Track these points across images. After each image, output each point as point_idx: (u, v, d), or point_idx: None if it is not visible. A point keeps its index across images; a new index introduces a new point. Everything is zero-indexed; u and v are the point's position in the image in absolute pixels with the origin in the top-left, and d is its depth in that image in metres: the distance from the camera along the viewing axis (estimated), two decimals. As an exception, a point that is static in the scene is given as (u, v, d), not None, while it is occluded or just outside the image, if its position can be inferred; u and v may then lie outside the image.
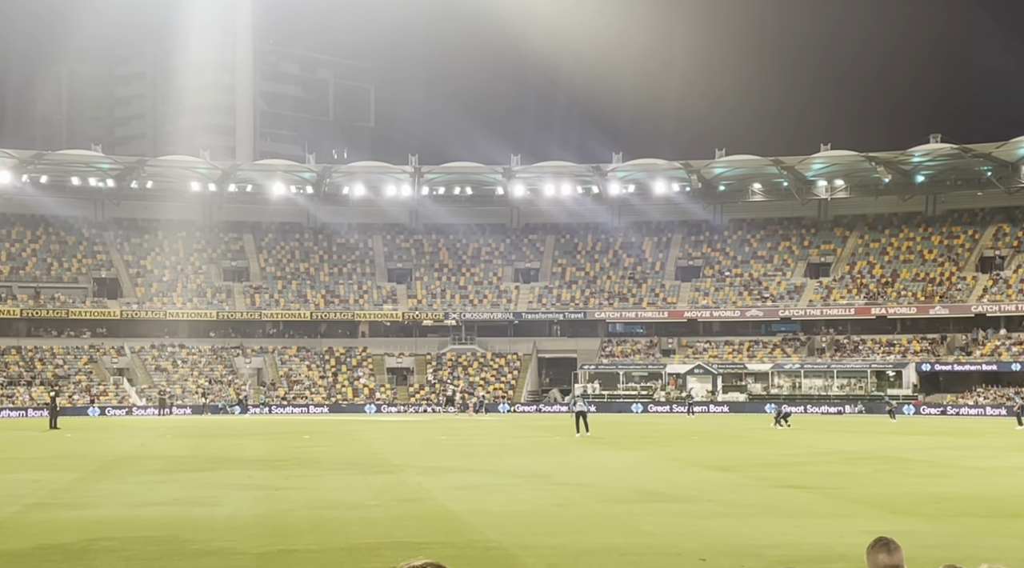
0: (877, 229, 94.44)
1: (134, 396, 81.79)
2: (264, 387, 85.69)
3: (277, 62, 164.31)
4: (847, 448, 39.49)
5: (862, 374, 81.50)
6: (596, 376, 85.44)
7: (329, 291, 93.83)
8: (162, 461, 34.21)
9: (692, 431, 51.59)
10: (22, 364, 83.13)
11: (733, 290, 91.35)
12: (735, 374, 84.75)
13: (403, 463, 32.59)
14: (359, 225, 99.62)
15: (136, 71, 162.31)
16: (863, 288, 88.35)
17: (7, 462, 34.62)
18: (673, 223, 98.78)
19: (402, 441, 45.01)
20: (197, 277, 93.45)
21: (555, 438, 46.22)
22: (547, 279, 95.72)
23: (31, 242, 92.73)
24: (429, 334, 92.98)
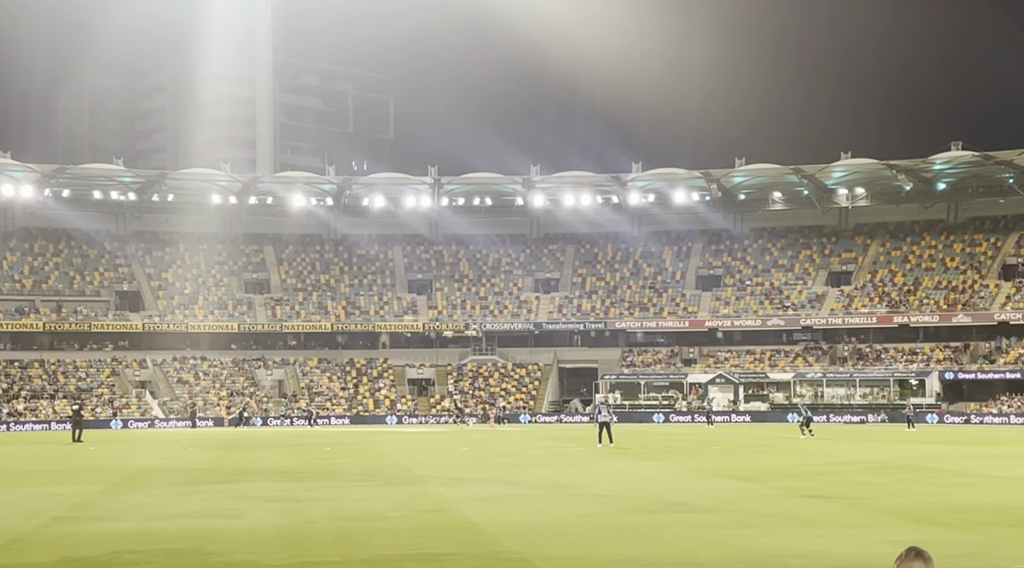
0: (899, 237, 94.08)
1: (156, 409, 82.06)
2: (284, 399, 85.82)
3: (297, 74, 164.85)
4: (870, 457, 39.29)
5: (885, 383, 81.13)
6: (617, 386, 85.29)
7: (350, 302, 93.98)
8: (185, 473, 34.28)
9: (714, 441, 51.42)
10: (45, 377, 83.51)
11: (754, 299, 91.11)
12: (757, 383, 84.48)
13: (424, 474, 32.58)
14: (379, 236, 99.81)
15: (157, 84, 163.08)
16: (885, 296, 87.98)
17: (31, 475, 34.76)
18: (693, 232, 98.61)
19: (423, 452, 45.00)
20: (218, 289, 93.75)
21: (576, 448, 46.13)
22: (567, 289, 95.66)
23: (53, 256, 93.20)
24: (450, 345, 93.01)
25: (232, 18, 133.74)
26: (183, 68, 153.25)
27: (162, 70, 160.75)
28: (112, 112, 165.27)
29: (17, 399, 79.70)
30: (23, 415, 77.71)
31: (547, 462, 38.49)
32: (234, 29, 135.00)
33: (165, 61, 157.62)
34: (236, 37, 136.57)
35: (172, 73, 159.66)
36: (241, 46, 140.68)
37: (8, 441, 60.07)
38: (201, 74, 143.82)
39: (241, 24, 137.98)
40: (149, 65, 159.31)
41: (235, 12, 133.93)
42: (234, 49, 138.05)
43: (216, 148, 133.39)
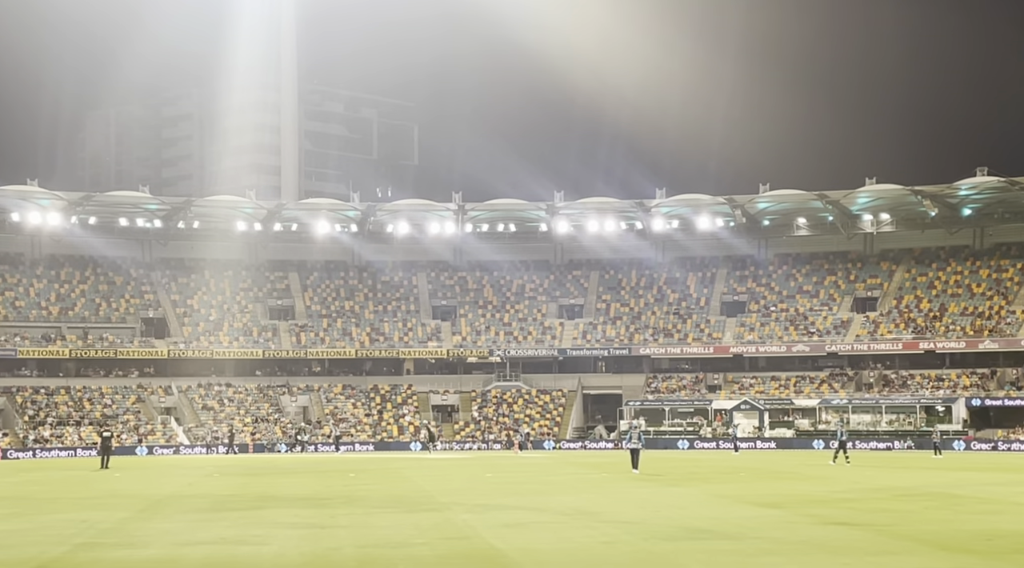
0: (924, 263, 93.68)
1: (181, 435, 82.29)
2: (309, 425, 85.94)
3: (321, 102, 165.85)
4: (897, 484, 39.01)
5: (911, 409, 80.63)
6: (642, 412, 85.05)
7: (374, 329, 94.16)
8: (209, 500, 34.32)
9: (739, 467, 51.15)
10: (71, 404, 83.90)
11: (779, 325, 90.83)
12: (782, 410, 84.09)
13: (449, 501, 32.51)
14: (403, 263, 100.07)
15: (183, 112, 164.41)
16: (911, 322, 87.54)
17: (57, 502, 34.86)
18: (717, 258, 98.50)
19: (448, 478, 44.91)
20: (243, 316, 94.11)
21: (601, 475, 45.96)
22: (591, 315, 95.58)
23: (80, 283, 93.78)
24: (474, 371, 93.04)
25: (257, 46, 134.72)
26: (209, 96, 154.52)
27: (188, 98, 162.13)
28: (138, 140, 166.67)
29: (43, 426, 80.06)
30: (49, 442, 78.05)
31: (572, 488, 38.36)
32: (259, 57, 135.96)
33: (191, 89, 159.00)
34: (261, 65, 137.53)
35: (198, 101, 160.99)
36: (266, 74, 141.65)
37: (34, 468, 60.33)
38: (226, 102, 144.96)
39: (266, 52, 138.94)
40: (175, 93, 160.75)
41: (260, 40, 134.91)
42: (259, 77, 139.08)
43: (241, 175, 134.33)
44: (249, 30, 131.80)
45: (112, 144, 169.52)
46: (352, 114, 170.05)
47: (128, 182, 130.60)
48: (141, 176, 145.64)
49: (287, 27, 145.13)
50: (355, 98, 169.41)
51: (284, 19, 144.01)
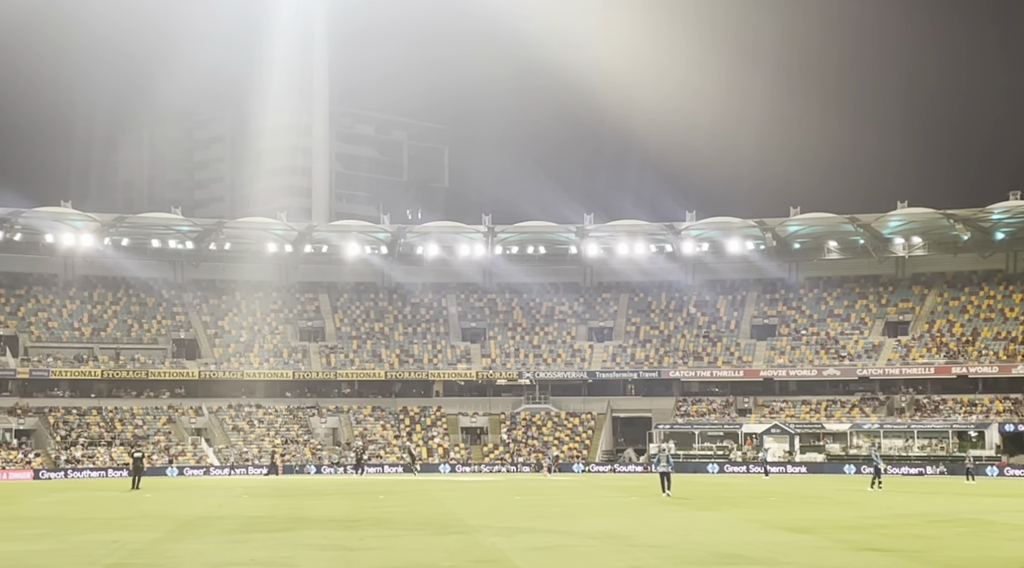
0: (956, 287, 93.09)
1: (212, 456, 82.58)
2: (338, 447, 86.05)
3: (352, 124, 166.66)
4: (929, 510, 38.71)
5: (943, 434, 79.99)
6: (671, 436, 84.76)
7: (403, 351, 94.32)
8: (239, 521, 34.42)
9: (769, 492, 50.88)
10: (103, 425, 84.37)
11: (810, 349, 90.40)
12: (813, 434, 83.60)
13: (478, 523, 32.49)
14: (433, 285, 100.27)
15: (215, 135, 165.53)
16: (943, 347, 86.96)
17: (88, 522, 35.05)
18: (748, 281, 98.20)
19: (477, 501, 44.87)
20: (273, 337, 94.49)
21: (631, 498, 45.83)
22: (621, 338, 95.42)
23: (112, 304, 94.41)
24: (503, 393, 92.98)
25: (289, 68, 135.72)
26: (241, 118, 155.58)
27: (221, 120, 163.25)
28: (171, 162, 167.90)
29: (75, 446, 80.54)
30: (81, 462, 78.47)
31: (601, 512, 38.26)
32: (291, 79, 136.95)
33: (224, 111, 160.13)
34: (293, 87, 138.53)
35: (230, 123, 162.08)
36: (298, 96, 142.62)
37: (66, 488, 60.67)
38: (259, 124, 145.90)
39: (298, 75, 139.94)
40: (208, 115, 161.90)
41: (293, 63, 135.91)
42: (291, 99, 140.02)
43: (272, 197, 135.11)
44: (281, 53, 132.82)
45: (145, 166, 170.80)
46: (383, 136, 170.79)
47: (160, 204, 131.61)
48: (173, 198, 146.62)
49: (319, 50, 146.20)
50: (386, 120, 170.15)
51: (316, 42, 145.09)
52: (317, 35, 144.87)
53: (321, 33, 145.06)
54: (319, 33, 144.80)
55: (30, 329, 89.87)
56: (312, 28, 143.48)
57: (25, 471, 75.86)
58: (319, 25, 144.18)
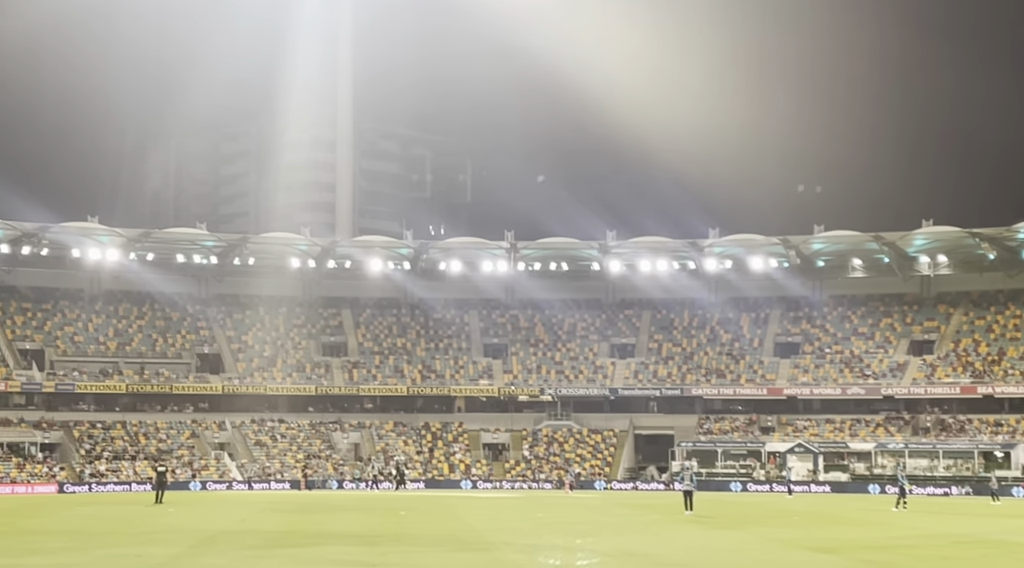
0: (982, 306, 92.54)
1: (234, 471, 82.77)
2: (360, 462, 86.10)
3: (376, 140, 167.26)
4: (954, 531, 38.44)
5: (969, 455, 79.41)
6: (694, 453, 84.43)
7: (426, 366, 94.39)
8: (262, 536, 34.47)
9: (793, 511, 50.62)
10: (127, 439, 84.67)
11: (834, 367, 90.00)
12: (836, 453, 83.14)
13: (499, 540, 32.44)
14: (455, 300, 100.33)
15: (241, 149, 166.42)
16: (969, 366, 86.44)
17: (111, 536, 35.16)
18: (771, 299, 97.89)
19: (498, 518, 44.81)
20: (296, 352, 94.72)
21: (652, 516, 45.67)
22: (643, 355, 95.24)
23: (137, 318, 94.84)
24: (525, 410, 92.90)
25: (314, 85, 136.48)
26: (266, 134, 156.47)
27: (246, 135, 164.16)
28: (196, 177, 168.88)
29: (99, 460, 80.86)
30: (105, 476, 78.76)
31: (623, 530, 38.14)
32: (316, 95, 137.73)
33: (249, 126, 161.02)
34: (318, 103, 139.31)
35: (256, 138, 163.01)
36: (322, 112, 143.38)
37: (90, 501, 60.90)
38: (283, 139, 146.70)
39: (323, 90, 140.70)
40: (233, 130, 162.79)
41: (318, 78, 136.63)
42: (316, 115, 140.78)
43: (297, 212, 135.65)
44: (307, 69, 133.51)
45: (171, 180, 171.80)
46: (406, 152, 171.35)
47: (186, 219, 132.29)
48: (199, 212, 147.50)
49: (344, 66, 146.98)
50: (410, 136, 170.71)
51: (341, 58, 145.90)
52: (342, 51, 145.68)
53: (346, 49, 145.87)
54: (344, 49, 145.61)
55: (56, 343, 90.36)
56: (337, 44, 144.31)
57: (50, 484, 76.22)
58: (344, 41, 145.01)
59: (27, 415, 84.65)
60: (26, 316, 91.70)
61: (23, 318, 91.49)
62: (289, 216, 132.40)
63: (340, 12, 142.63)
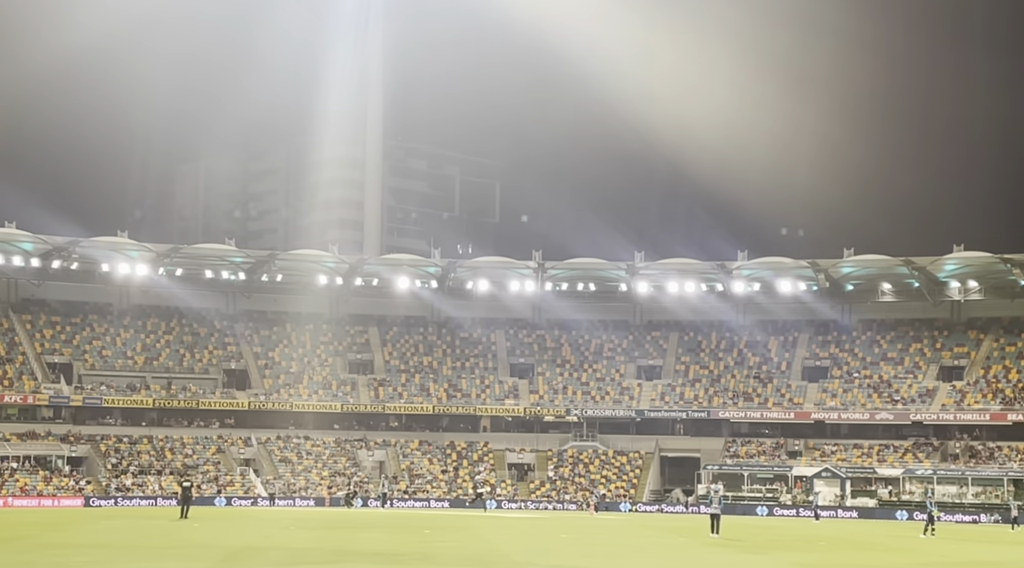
0: (1013, 333, 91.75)
1: (259, 487, 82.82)
2: (386, 480, 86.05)
3: (405, 158, 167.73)
4: (982, 559, 38.04)
5: (998, 482, 78.67)
6: (720, 477, 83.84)
7: (452, 385, 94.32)
8: (286, 553, 34.44)
9: (819, 536, 50.23)
10: (153, 453, 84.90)
11: (862, 392, 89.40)
12: (864, 478, 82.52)
13: (524, 561, 32.29)
14: (482, 320, 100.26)
15: (270, 167, 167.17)
16: (999, 393, 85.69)
17: (136, 551, 35.21)
18: (800, 322, 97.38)
19: (523, 538, 44.64)
20: (323, 369, 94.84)
21: (678, 539, 45.41)
22: (670, 377, 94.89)
23: (165, 334, 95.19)
24: (550, 430, 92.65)
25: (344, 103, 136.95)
26: (296, 151, 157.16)
27: (275, 152, 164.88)
28: (226, 193, 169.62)
29: (125, 474, 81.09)
30: (131, 490, 78.97)
31: (648, 553, 37.92)
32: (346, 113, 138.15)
33: (279, 143, 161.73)
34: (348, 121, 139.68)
35: (285, 155, 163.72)
36: (352, 130, 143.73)
37: (116, 516, 61.07)
38: (313, 157, 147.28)
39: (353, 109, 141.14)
40: (263, 147, 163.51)
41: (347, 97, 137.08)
42: (345, 133, 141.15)
43: (325, 230, 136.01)
44: (337, 87, 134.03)
45: (201, 197, 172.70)
46: (435, 171, 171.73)
47: (214, 235, 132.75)
48: (227, 229, 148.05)
49: (374, 85, 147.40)
50: (438, 155, 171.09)
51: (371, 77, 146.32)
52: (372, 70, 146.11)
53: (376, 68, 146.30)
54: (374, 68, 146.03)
55: (84, 357, 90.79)
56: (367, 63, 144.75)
57: (76, 498, 76.47)
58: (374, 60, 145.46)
59: (54, 429, 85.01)
60: (55, 330, 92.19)
61: (52, 331, 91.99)
62: (317, 233, 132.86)
63: (371, 31, 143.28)
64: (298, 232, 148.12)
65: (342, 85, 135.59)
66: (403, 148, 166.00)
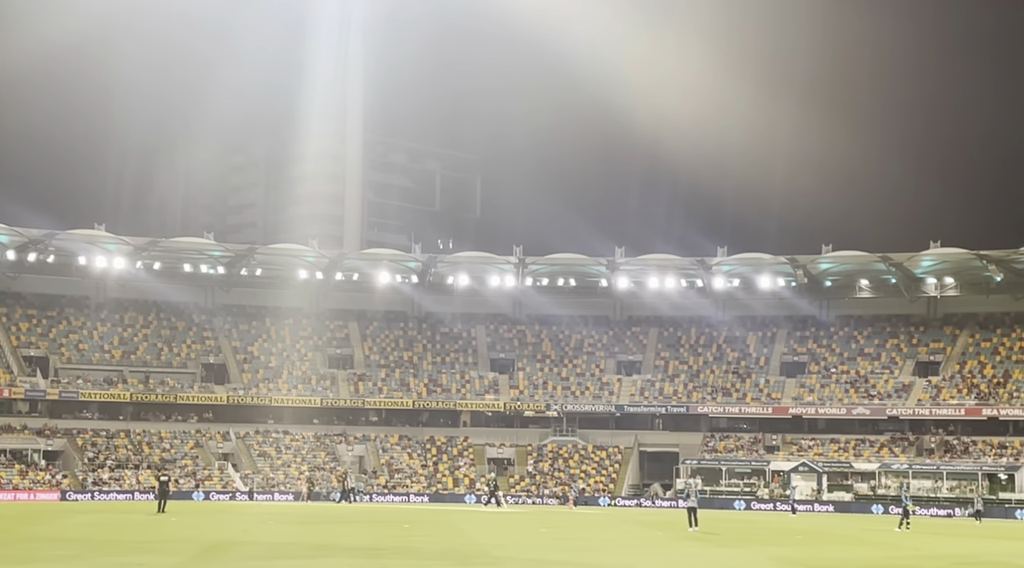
0: (988, 328, 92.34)
1: (238, 481, 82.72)
2: (365, 475, 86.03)
3: (385, 153, 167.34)
4: (956, 552, 38.34)
5: (972, 476, 79.20)
6: (698, 471, 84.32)
7: (432, 380, 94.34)
8: (264, 547, 34.45)
9: (796, 530, 50.51)
10: (130, 447, 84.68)
11: (839, 387, 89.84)
12: (841, 473, 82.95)
13: (502, 555, 32.39)
14: (463, 315, 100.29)
15: (250, 160, 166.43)
16: (974, 388, 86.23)
17: (113, 545, 35.16)
18: (778, 318, 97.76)
19: (502, 532, 44.75)
20: (303, 364, 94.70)
21: (656, 533, 45.60)
22: (650, 372, 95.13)
23: (143, 327, 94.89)
24: (530, 425, 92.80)
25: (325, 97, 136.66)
26: (276, 145, 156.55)
27: (255, 146, 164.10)
28: (205, 187, 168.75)
29: (103, 468, 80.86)
30: (108, 484, 78.77)
31: (626, 546, 38.08)
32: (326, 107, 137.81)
33: (258, 137, 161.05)
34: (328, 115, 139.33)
35: (265, 149, 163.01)
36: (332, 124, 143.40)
37: (92, 510, 60.91)
38: (293, 151, 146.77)
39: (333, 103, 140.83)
40: (243, 141, 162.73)
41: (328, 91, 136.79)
42: (325, 127, 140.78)
43: (305, 224, 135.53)
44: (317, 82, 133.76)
45: (179, 190, 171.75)
46: (415, 166, 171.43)
47: (193, 228, 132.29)
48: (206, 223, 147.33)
49: (354, 79, 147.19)
50: (419, 150, 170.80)
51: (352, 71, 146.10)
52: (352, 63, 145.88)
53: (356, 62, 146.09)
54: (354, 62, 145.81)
55: (61, 351, 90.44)
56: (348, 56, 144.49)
57: (52, 492, 76.23)
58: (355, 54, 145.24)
59: (30, 422, 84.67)
60: (31, 323, 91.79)
61: (28, 325, 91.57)
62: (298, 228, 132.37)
63: (351, 25, 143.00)
64: (278, 226, 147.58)
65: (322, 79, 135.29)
66: (383, 143, 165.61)
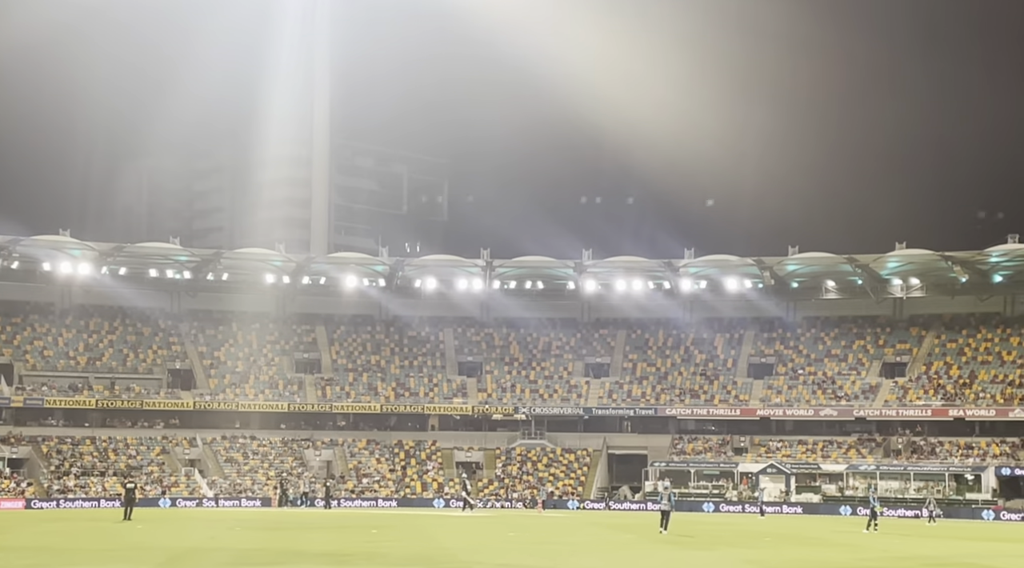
0: (954, 329, 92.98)
1: (205, 487, 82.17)
2: (333, 480, 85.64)
3: (352, 157, 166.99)
4: (925, 553, 38.50)
5: (939, 477, 79.67)
6: (667, 474, 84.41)
7: (400, 384, 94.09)
8: (231, 554, 34.19)
9: (764, 532, 50.62)
10: (96, 454, 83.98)
11: (807, 388, 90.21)
12: (809, 474, 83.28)
13: (470, 559, 32.28)
14: (430, 318, 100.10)
15: (215, 165, 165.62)
16: (940, 389, 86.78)
17: (78, 553, 34.81)
18: (745, 319, 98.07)
19: (470, 537, 44.61)
20: (270, 369, 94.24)
21: (625, 536, 45.58)
22: (618, 374, 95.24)
23: (108, 333, 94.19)
24: (499, 428, 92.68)
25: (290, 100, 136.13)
26: (241, 149, 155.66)
27: (220, 150, 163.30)
28: (170, 192, 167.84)
29: (68, 476, 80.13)
30: (73, 492, 78.05)
31: (595, 550, 38.03)
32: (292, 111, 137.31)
33: (224, 141, 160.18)
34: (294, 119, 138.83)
35: (230, 153, 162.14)
36: (298, 128, 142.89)
37: (58, 518, 60.35)
38: (258, 155, 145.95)
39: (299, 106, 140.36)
40: (208, 145, 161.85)
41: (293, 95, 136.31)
42: (291, 131, 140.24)
43: (271, 228, 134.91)
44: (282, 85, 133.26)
45: (144, 195, 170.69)
46: (383, 169, 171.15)
47: (159, 233, 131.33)
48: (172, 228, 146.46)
49: (320, 82, 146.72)
50: (386, 153, 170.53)
51: (317, 75, 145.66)
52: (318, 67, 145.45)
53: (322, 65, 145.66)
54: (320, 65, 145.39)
55: (25, 357, 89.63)
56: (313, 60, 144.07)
57: (17, 500, 75.41)
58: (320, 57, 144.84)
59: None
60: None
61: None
62: (264, 232, 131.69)
63: (316, 28, 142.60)
64: (244, 230, 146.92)
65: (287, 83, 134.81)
66: (350, 146, 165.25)
